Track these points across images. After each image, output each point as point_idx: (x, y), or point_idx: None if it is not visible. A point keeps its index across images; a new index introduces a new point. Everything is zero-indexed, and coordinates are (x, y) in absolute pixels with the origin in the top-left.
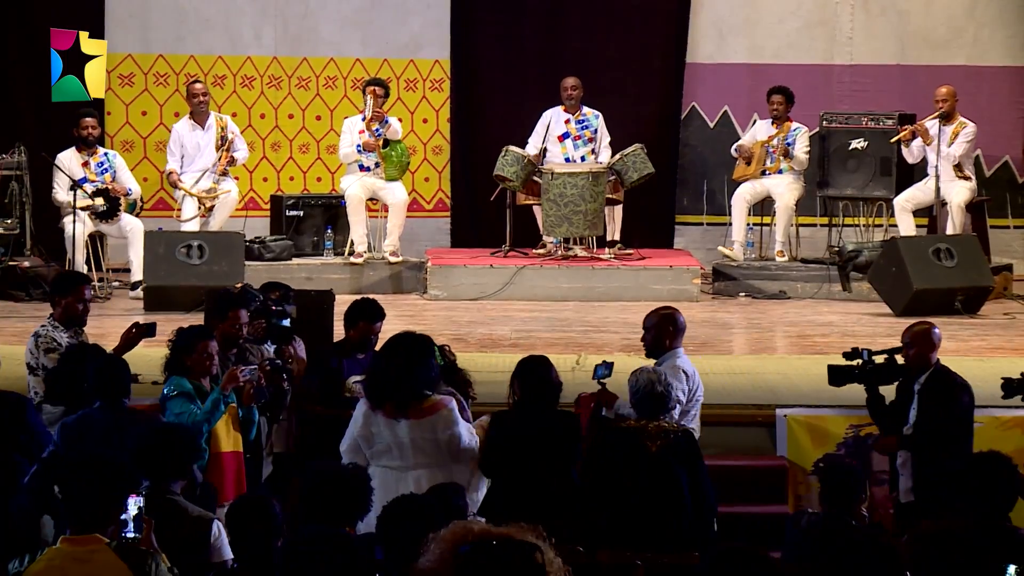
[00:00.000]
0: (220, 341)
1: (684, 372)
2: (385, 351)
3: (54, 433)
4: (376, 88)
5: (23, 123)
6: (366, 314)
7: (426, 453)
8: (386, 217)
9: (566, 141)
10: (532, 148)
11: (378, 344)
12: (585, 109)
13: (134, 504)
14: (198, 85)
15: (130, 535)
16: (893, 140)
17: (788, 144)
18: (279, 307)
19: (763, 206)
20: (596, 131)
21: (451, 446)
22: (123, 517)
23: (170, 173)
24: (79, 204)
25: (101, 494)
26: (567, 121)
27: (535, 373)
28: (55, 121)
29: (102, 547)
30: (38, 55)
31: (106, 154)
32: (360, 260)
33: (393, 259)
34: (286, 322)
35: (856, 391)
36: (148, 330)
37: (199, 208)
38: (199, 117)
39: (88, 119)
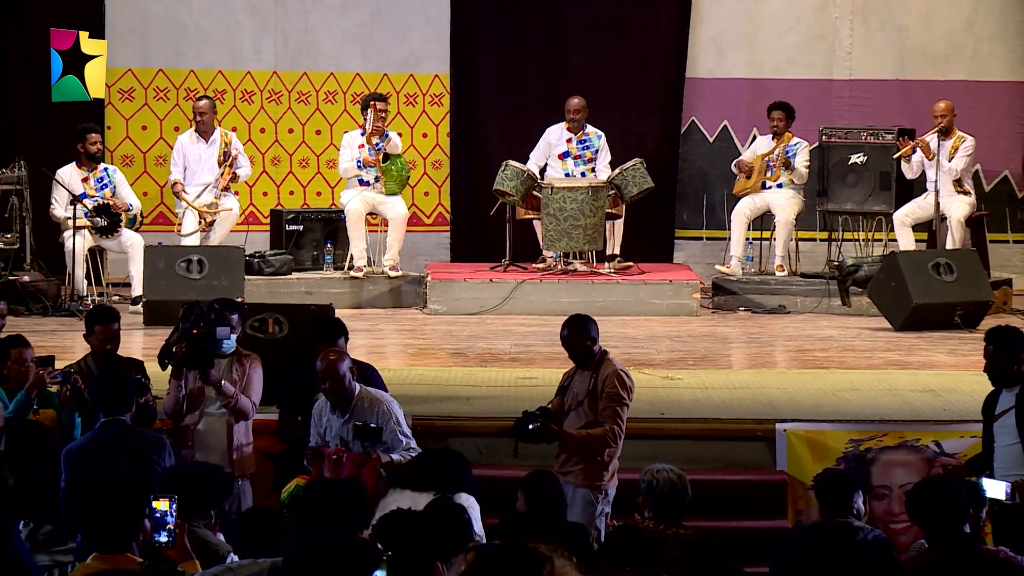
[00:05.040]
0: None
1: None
2: None
3: (61, 461)
4: (378, 103)
5: (23, 137)
6: (320, 335)
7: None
8: (386, 231)
9: (566, 159)
10: (533, 165)
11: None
12: (588, 128)
13: (168, 509)
14: (202, 103)
15: (163, 540)
16: (896, 156)
17: (789, 156)
18: (202, 329)
19: (763, 220)
20: (597, 151)
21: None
22: (156, 517)
23: (174, 184)
24: (79, 222)
25: (124, 511)
26: (568, 140)
27: (543, 486)
28: (55, 136)
29: (133, 566)
30: (38, 69)
31: (106, 169)
32: (360, 274)
33: (393, 273)
34: (227, 343)
35: (856, 406)
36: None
37: (199, 222)
38: (203, 131)
39: (94, 135)
